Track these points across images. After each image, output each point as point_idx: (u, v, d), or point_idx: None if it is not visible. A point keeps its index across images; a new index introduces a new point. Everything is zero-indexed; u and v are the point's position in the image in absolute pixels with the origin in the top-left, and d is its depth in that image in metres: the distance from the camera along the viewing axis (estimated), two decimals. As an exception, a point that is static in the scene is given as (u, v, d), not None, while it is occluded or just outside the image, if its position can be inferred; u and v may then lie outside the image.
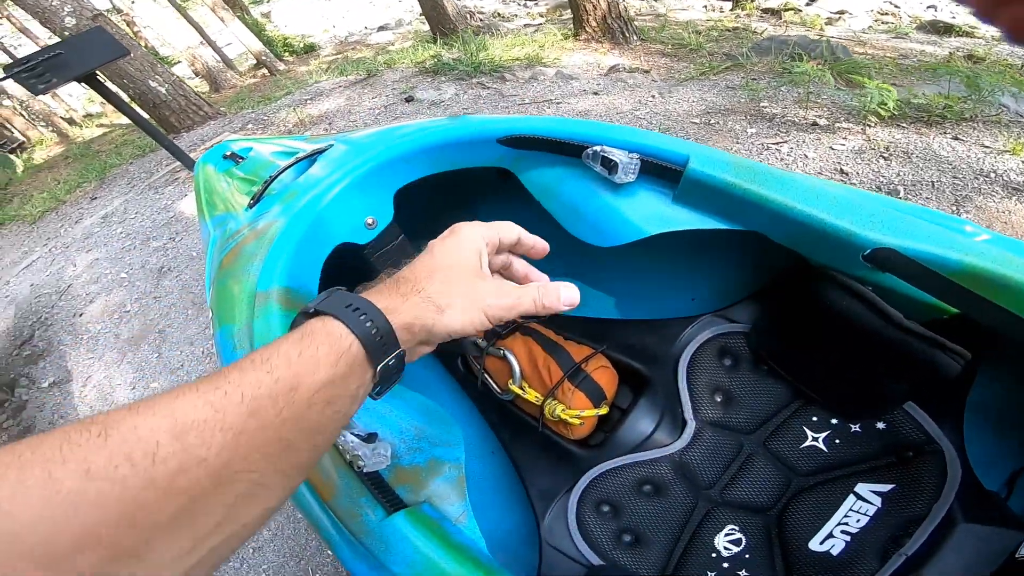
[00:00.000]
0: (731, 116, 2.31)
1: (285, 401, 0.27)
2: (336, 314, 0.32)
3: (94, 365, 2.00)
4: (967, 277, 0.50)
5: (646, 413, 0.86)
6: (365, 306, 0.33)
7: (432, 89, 3.33)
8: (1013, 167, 1.82)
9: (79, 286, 2.52)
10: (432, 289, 0.36)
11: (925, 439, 0.66)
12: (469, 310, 0.37)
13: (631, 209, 0.64)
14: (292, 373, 0.28)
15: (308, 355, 0.29)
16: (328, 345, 0.30)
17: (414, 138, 0.74)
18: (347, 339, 0.31)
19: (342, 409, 0.30)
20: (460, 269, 0.38)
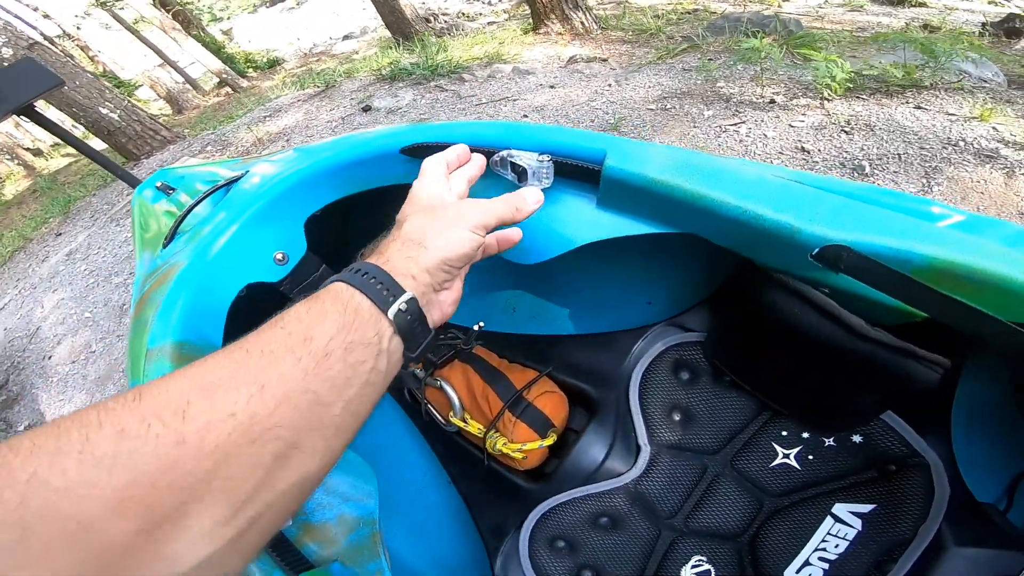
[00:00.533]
0: (687, 99, 2.27)
1: (302, 351, 0.27)
2: (335, 278, 0.34)
3: (64, 407, 2.00)
4: (935, 274, 0.41)
5: (596, 440, 0.80)
6: (358, 264, 0.35)
7: (389, 96, 3.26)
8: (983, 133, 1.78)
9: (47, 328, 2.52)
10: (406, 229, 0.39)
11: (908, 452, 0.60)
12: (450, 230, 0.39)
13: (552, 219, 0.57)
14: (303, 326, 0.29)
15: (316, 309, 0.31)
16: (332, 299, 0.32)
17: (314, 161, 0.68)
18: (348, 291, 0.33)
19: (367, 360, 0.31)
20: (427, 204, 0.41)
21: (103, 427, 0.21)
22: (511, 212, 0.43)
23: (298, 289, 0.74)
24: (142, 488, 0.21)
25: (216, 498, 0.23)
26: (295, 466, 0.26)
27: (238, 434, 0.24)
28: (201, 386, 0.24)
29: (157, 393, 0.23)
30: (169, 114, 6.30)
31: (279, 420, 0.25)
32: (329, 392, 0.28)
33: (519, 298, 0.94)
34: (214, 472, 0.23)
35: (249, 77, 7.04)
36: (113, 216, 3.36)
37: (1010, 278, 0.39)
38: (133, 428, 0.21)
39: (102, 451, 0.20)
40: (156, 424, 0.22)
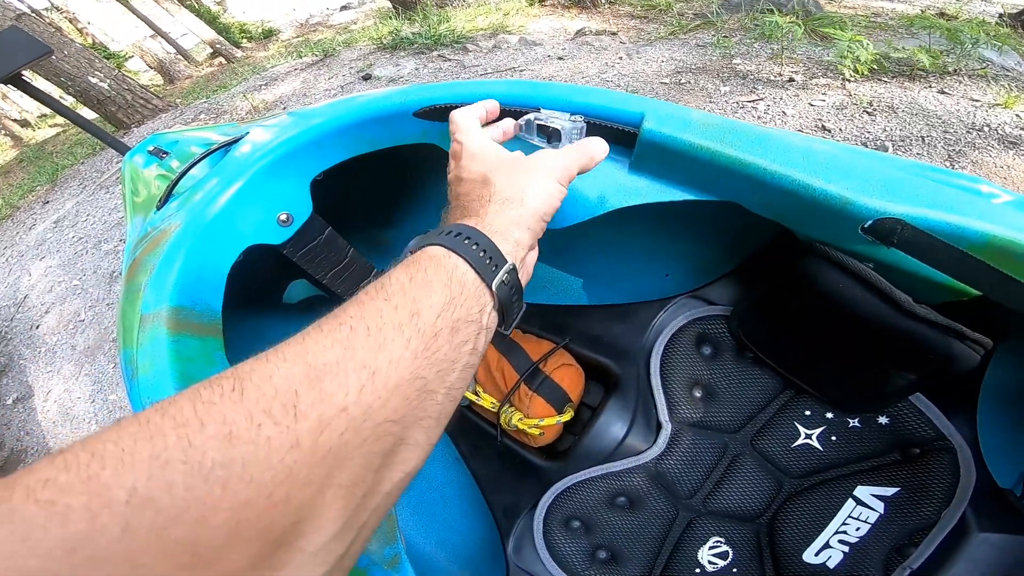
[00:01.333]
0: (703, 75, 2.18)
1: (411, 329, 0.25)
2: (431, 241, 0.31)
3: (53, 379, 1.94)
4: (992, 252, 0.40)
5: (616, 416, 0.77)
6: (455, 228, 0.32)
7: (391, 65, 3.14)
8: (1007, 120, 1.73)
9: (35, 296, 2.45)
10: (499, 190, 0.35)
11: (934, 435, 0.58)
12: (541, 183, 0.36)
13: (581, 182, 0.54)
14: (410, 299, 0.26)
15: (419, 279, 0.27)
16: (434, 267, 0.28)
17: (324, 120, 0.63)
18: (451, 258, 0.29)
19: (469, 340, 0.28)
20: (502, 162, 0.38)
21: (205, 427, 0.17)
22: (587, 160, 0.40)
23: (302, 252, 0.70)
24: (259, 506, 0.17)
25: (329, 511, 0.20)
26: (400, 464, 0.24)
27: (351, 433, 0.20)
28: (307, 373, 0.21)
29: (260, 382, 0.20)
30: (160, 84, 6.11)
31: (390, 413, 0.22)
32: (435, 378, 0.25)
33: None
34: (327, 480, 0.19)
35: (244, 47, 6.83)
36: (102, 183, 3.29)
37: None
38: (242, 429, 0.18)
39: (211, 460, 0.17)
40: (267, 424, 0.18)
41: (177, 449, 0.17)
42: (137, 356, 0.51)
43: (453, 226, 0.32)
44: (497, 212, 0.34)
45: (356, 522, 0.21)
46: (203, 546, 0.16)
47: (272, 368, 0.21)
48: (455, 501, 0.86)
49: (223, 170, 0.63)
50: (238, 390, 0.19)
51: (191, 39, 7.16)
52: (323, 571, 0.20)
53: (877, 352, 0.54)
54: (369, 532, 0.23)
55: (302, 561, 0.19)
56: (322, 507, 0.19)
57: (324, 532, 0.20)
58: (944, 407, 0.58)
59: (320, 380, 0.21)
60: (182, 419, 0.18)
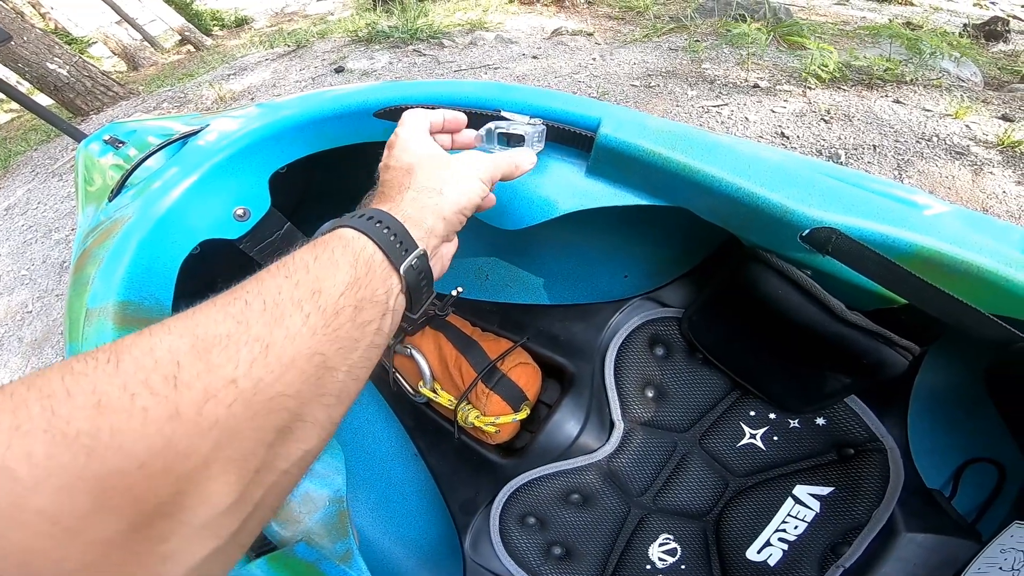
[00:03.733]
0: (672, 78, 2.21)
1: (311, 306, 0.24)
2: (342, 223, 0.31)
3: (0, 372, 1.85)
4: (919, 262, 0.42)
5: (571, 415, 0.78)
6: (368, 212, 0.32)
7: (365, 58, 3.09)
8: (956, 131, 1.80)
9: None
10: (419, 179, 0.36)
11: (867, 436, 0.61)
12: (463, 180, 0.37)
13: (539, 184, 0.55)
14: (312, 277, 0.26)
15: (325, 258, 0.27)
16: (342, 247, 0.29)
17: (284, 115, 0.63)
18: (360, 240, 0.30)
19: (374, 320, 0.28)
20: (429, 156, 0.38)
21: (73, 397, 0.17)
22: (511, 168, 0.43)
23: (259, 247, 0.69)
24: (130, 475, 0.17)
25: (216, 483, 0.19)
26: (297, 440, 0.23)
27: (240, 405, 0.20)
28: (194, 344, 0.20)
29: (139, 354, 0.19)
30: (124, 71, 5.85)
31: (284, 387, 0.22)
32: (336, 355, 0.25)
33: (493, 265, 0.92)
34: (214, 453, 0.19)
35: (215, 35, 6.60)
36: (56, 171, 3.14)
37: (992, 270, 0.40)
38: (113, 398, 0.17)
39: (75, 428, 0.16)
40: (143, 393, 0.18)
41: (40, 419, 0.16)
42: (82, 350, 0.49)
43: (366, 210, 0.32)
44: (413, 199, 0.35)
45: (250, 497, 0.21)
46: (66, 515, 0.15)
47: (155, 341, 0.20)
48: (414, 497, 0.86)
49: (179, 162, 0.62)
50: (113, 362, 0.19)
51: (159, 25, 6.87)
52: (214, 545, 0.19)
53: (813, 356, 0.56)
54: (269, 511, 0.23)
55: (187, 534, 0.18)
56: (207, 479, 0.19)
57: (211, 505, 0.19)
58: (877, 409, 0.61)
59: (208, 351, 0.20)
60: (48, 390, 0.17)
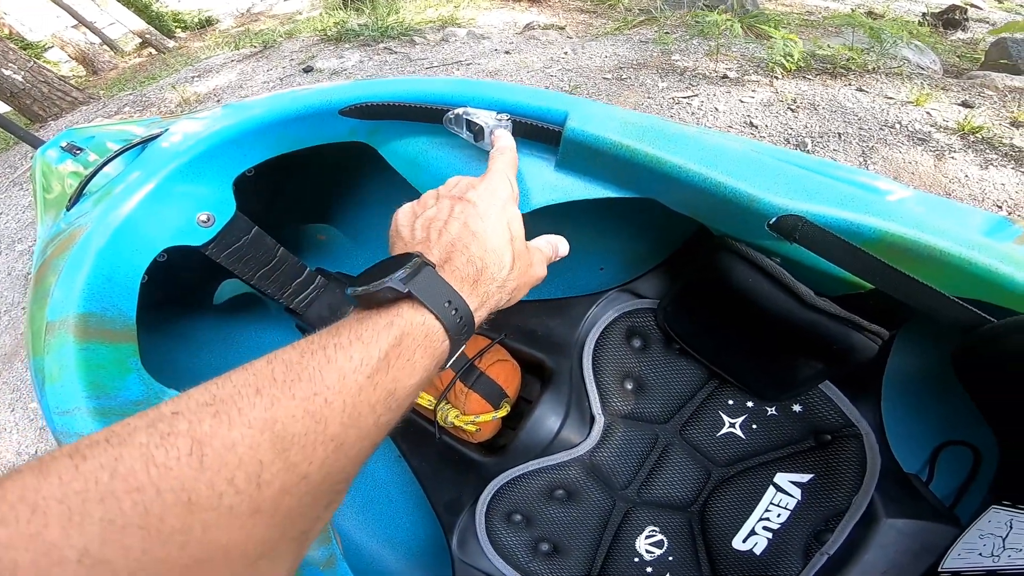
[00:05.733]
0: (643, 70, 2.23)
1: (383, 408, 0.26)
2: (436, 311, 0.30)
3: None
4: (883, 247, 0.43)
5: (551, 410, 0.77)
6: (461, 307, 0.31)
7: (334, 58, 3.03)
8: (917, 117, 1.85)
9: None
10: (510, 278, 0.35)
11: (843, 421, 0.61)
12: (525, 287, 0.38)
13: None
14: (391, 378, 0.26)
15: (406, 360, 0.27)
16: (425, 348, 0.28)
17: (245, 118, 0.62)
18: (443, 342, 0.30)
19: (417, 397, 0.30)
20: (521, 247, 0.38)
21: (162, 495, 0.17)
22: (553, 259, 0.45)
23: (227, 253, 0.67)
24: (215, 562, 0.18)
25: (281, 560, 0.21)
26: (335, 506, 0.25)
27: (309, 496, 0.22)
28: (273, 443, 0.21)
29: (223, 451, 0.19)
30: (83, 75, 5.63)
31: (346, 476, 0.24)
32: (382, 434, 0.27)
33: None
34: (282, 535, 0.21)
35: (177, 37, 6.39)
36: (16, 180, 3.01)
37: (952, 253, 0.41)
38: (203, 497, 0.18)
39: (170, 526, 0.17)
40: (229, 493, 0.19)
41: (133, 515, 0.17)
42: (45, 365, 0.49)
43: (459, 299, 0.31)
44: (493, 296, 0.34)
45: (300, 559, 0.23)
46: None
47: (236, 436, 0.20)
48: (399, 499, 0.85)
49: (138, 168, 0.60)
50: (197, 455, 0.19)
51: (118, 29, 6.62)
52: None
53: (784, 343, 0.56)
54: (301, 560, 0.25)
55: None
56: (276, 556, 0.21)
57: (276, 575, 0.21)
58: (851, 395, 0.61)
59: (287, 451, 0.21)
60: (135, 483, 0.17)
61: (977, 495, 0.57)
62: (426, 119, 0.58)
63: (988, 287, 0.41)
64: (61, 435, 0.47)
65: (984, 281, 0.41)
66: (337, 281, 0.88)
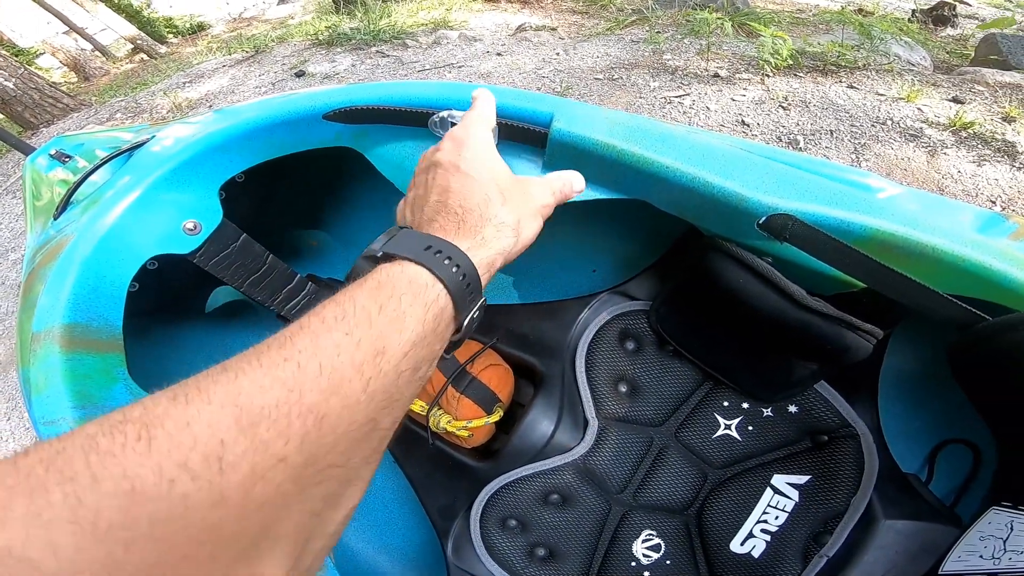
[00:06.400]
0: (635, 70, 2.23)
1: (372, 370, 0.22)
2: (416, 258, 0.27)
3: None
4: (874, 245, 0.42)
5: (543, 415, 0.77)
6: (446, 247, 0.28)
7: (326, 62, 3.02)
8: (909, 114, 1.85)
9: None
10: (501, 212, 0.32)
11: (839, 422, 0.61)
12: (533, 219, 0.35)
13: None
14: (376, 333, 0.23)
15: (391, 309, 0.24)
16: (412, 295, 0.25)
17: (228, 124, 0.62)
18: (434, 288, 0.26)
19: (425, 375, 0.26)
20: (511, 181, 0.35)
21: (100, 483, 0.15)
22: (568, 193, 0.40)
23: (215, 261, 0.67)
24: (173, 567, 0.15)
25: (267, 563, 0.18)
26: (345, 503, 0.22)
27: (290, 483, 0.18)
28: (237, 418, 0.18)
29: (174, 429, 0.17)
30: (75, 82, 5.61)
31: (336, 458, 0.20)
32: (387, 415, 0.23)
33: None
34: (262, 532, 0.18)
35: (169, 43, 6.38)
36: (8, 188, 3.01)
37: (945, 250, 0.40)
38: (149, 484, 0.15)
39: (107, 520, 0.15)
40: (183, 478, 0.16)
41: (63, 508, 0.14)
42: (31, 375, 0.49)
43: (442, 243, 0.28)
44: (493, 238, 0.31)
45: (301, 567, 0.20)
46: None
47: (192, 412, 0.17)
48: (394, 505, 0.85)
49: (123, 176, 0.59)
50: (145, 439, 0.16)
51: (109, 35, 6.62)
52: None
53: (777, 343, 0.55)
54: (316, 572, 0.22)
55: None
56: (257, 560, 0.18)
57: None
58: (847, 395, 0.61)
59: (255, 426, 0.18)
60: (70, 472, 0.15)
61: (978, 494, 0.56)
62: (411, 123, 0.58)
63: (982, 284, 0.41)
64: None
65: (978, 278, 0.40)
66: (328, 287, 0.88)
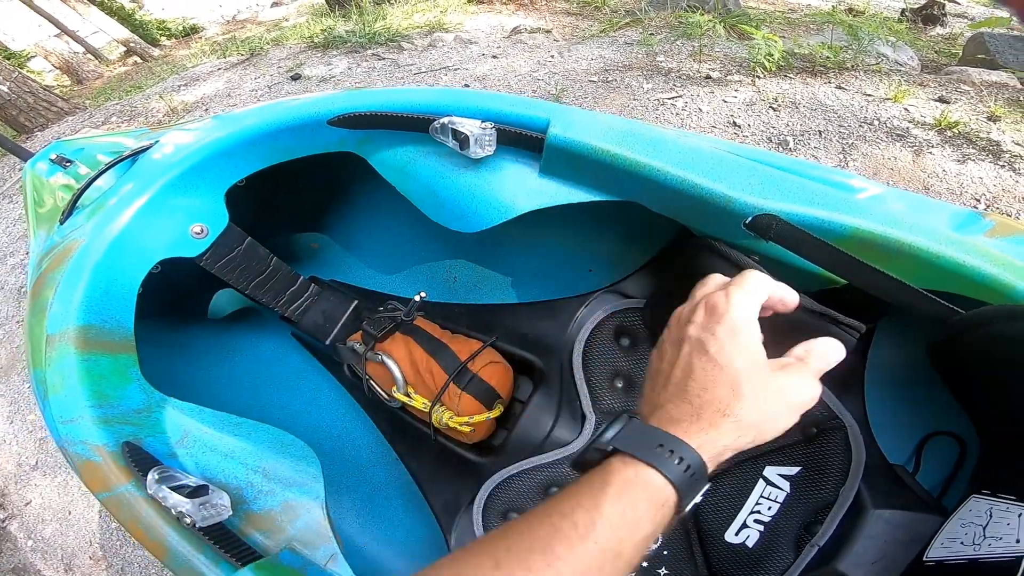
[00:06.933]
0: (628, 72, 2.26)
1: (611, 570, 0.27)
2: (648, 459, 0.29)
3: None
4: (855, 243, 0.45)
5: (543, 410, 0.79)
6: (677, 446, 0.29)
7: (322, 64, 3.03)
8: (896, 114, 1.88)
9: None
10: (744, 410, 0.31)
11: (827, 414, 0.62)
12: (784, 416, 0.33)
13: (494, 187, 0.57)
14: (616, 538, 0.27)
15: (630, 515, 0.28)
16: (647, 500, 0.28)
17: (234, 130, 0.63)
18: (666, 490, 0.29)
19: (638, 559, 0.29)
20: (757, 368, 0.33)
21: None
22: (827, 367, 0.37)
23: (220, 264, 0.69)
24: None
25: None
26: None
27: None
28: None
29: None
30: (68, 85, 5.57)
31: None
32: None
33: (460, 267, 0.93)
34: None
35: (162, 46, 6.35)
36: (5, 192, 3.00)
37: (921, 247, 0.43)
38: None
39: None
40: None
41: None
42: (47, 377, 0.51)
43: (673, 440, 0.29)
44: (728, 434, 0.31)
45: None
46: None
47: None
48: (398, 500, 0.87)
49: (130, 180, 0.61)
50: None
51: (102, 37, 6.57)
52: None
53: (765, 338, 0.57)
54: None
55: None
56: None
57: None
58: (835, 387, 0.62)
59: None
60: None
61: (963, 485, 0.57)
62: (413, 128, 0.60)
63: (957, 280, 0.43)
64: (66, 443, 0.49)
65: (953, 274, 0.43)
66: (331, 289, 0.89)
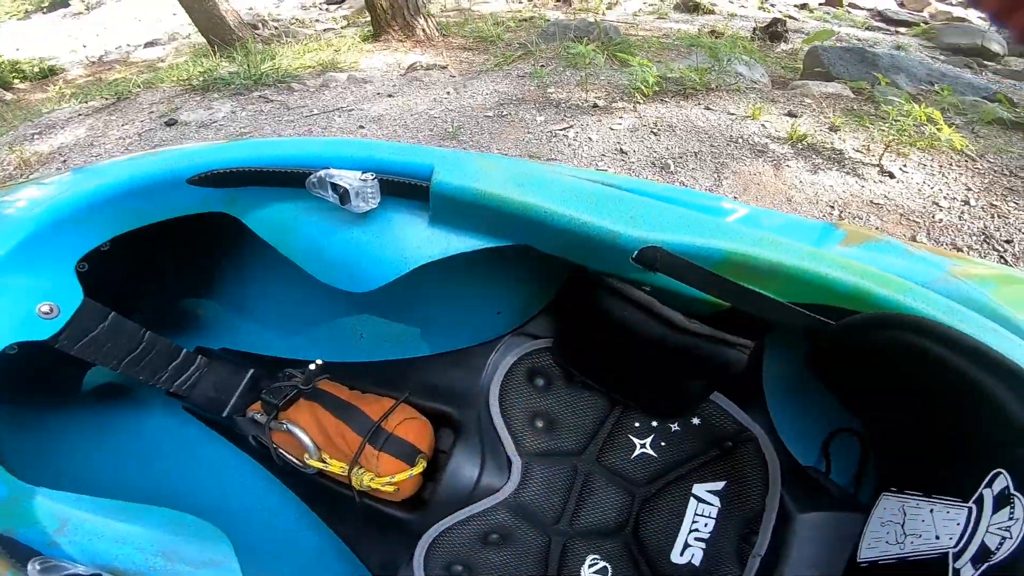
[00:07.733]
0: (522, 105, 2.34)
1: None
2: None
3: None
4: (729, 266, 0.46)
5: (465, 460, 0.77)
6: None
7: (202, 108, 2.80)
8: (755, 130, 2.11)
9: None
10: None
11: (737, 427, 0.66)
12: None
13: (383, 241, 0.54)
14: None
15: None
16: None
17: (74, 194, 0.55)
18: None
19: None
20: None
21: None
22: None
23: (81, 344, 0.60)
24: None
25: None
26: None
27: None
28: None
29: None
30: None
31: None
32: None
33: (365, 323, 0.90)
34: None
35: (15, 89, 5.55)
36: None
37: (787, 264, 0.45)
38: None
39: None
40: None
41: None
42: None
43: None
44: None
45: None
46: None
47: None
48: (334, 565, 0.81)
49: None
50: None
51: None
52: None
53: (666, 365, 0.59)
54: None
55: None
56: None
57: None
58: (739, 401, 0.66)
59: None
60: None
61: (873, 479, 0.60)
62: (287, 184, 0.55)
63: (823, 291, 0.46)
64: None
65: (819, 287, 0.46)
66: (221, 359, 0.81)
